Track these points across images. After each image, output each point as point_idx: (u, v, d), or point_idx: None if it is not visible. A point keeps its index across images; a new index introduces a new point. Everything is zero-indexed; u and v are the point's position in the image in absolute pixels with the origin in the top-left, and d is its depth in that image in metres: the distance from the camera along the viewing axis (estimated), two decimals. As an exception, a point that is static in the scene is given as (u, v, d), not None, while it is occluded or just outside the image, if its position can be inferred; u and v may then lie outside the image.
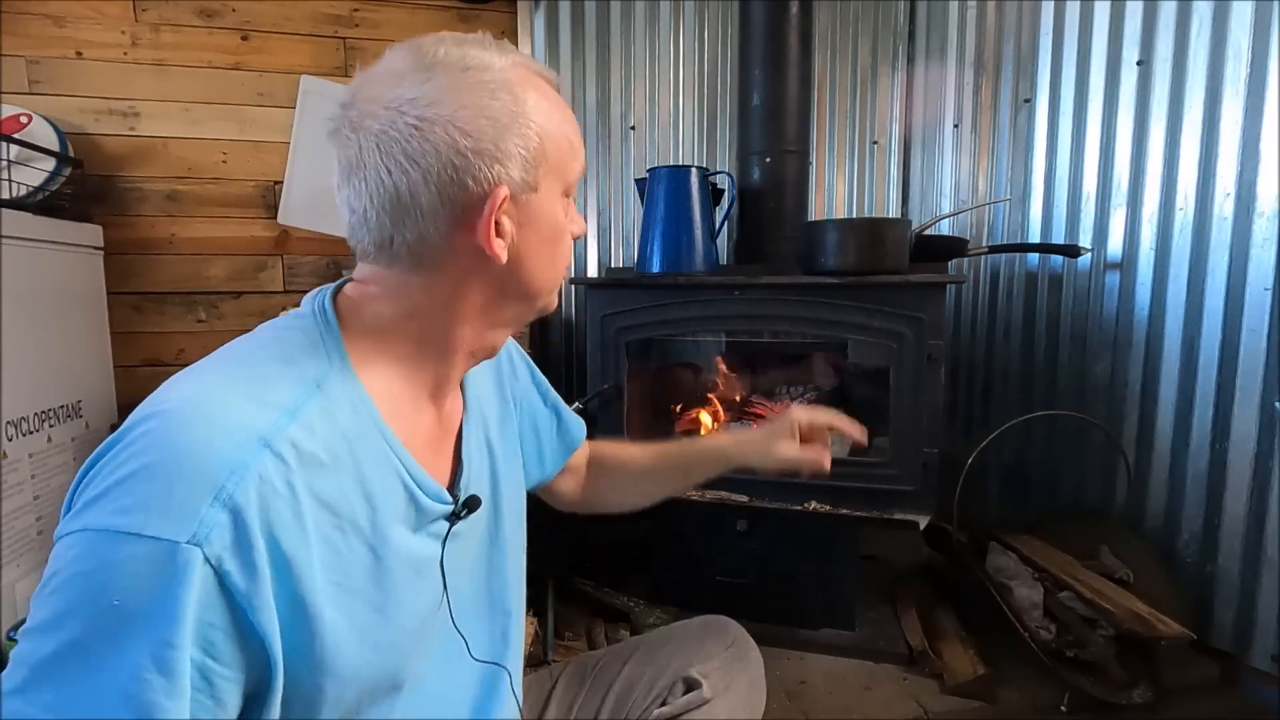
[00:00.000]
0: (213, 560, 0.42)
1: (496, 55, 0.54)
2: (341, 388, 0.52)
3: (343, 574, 0.50)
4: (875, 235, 1.51)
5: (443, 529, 0.60)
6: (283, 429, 0.47)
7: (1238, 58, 1.42)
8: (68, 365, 1.67)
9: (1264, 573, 1.39)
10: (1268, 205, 1.37)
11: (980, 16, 2.10)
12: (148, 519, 0.41)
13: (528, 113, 0.53)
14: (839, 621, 1.61)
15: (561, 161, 0.57)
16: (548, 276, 0.60)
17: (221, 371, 0.50)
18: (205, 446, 0.44)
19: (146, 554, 0.40)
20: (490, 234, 0.53)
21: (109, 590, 0.40)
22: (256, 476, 0.44)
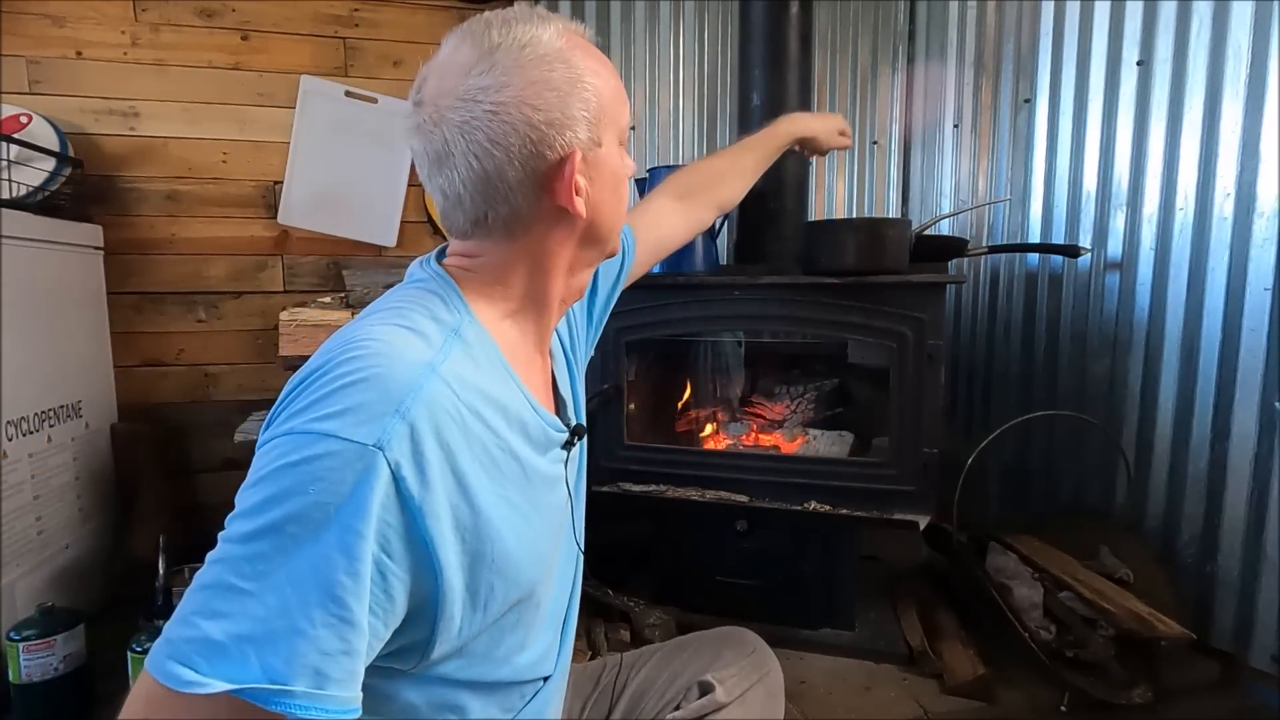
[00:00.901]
0: (392, 464, 0.48)
1: (541, 27, 0.59)
2: (472, 334, 0.59)
3: (503, 486, 0.57)
4: (875, 235, 1.51)
5: (562, 454, 0.68)
6: (443, 360, 0.54)
7: (1238, 58, 1.42)
8: (68, 365, 1.67)
9: (1264, 573, 1.39)
10: (1268, 205, 1.37)
11: (980, 16, 2.10)
12: (343, 425, 0.48)
13: (583, 76, 0.59)
14: (839, 621, 1.61)
15: (616, 113, 0.63)
16: (616, 220, 0.67)
17: (385, 320, 0.57)
18: (390, 371, 0.50)
19: (341, 451, 0.47)
20: (572, 194, 0.59)
21: (308, 481, 0.46)
22: (429, 397, 0.51)
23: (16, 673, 1.28)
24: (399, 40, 2.10)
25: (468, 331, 0.58)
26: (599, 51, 0.63)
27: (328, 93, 2.03)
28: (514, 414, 0.59)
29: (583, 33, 0.63)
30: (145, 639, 1.28)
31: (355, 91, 2.05)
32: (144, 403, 1.97)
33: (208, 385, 2.04)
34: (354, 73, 2.08)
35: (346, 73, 2.07)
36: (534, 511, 0.61)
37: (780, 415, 1.85)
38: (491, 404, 0.57)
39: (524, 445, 0.60)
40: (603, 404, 1.68)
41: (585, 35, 0.63)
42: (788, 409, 1.85)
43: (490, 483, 0.55)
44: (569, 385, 0.77)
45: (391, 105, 2.07)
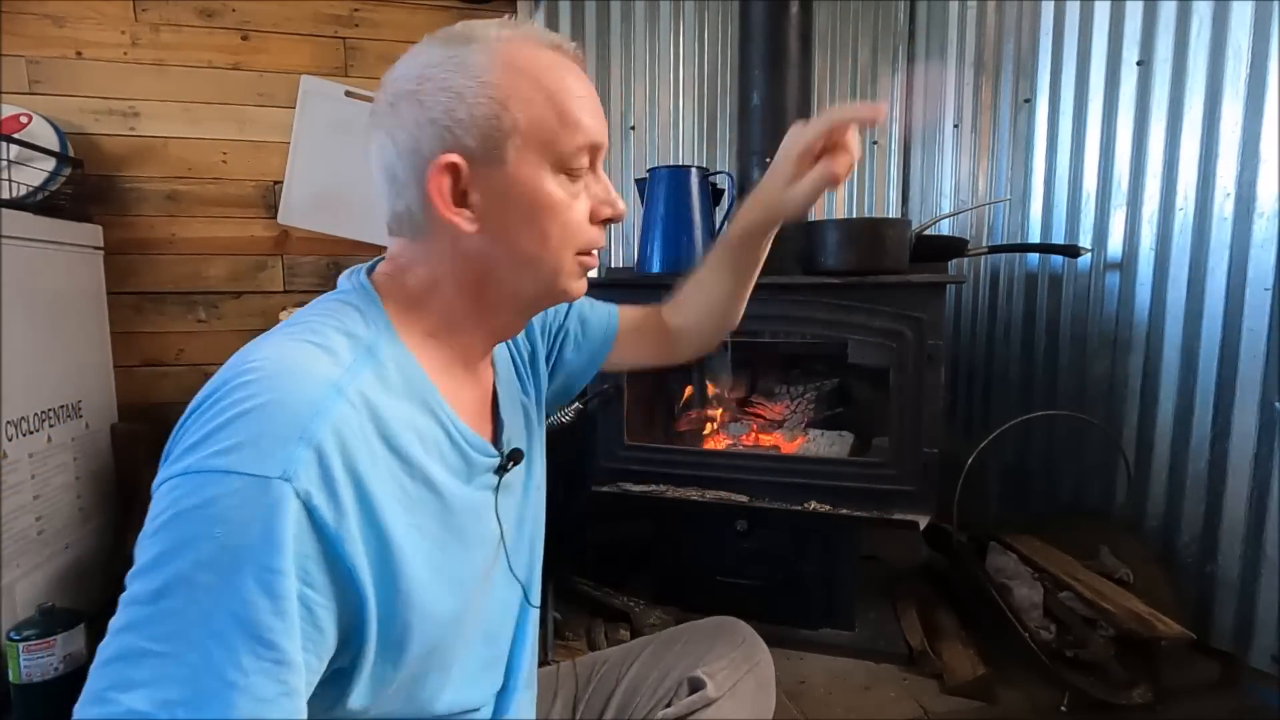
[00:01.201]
0: (301, 494, 0.45)
1: (496, 29, 0.56)
2: (389, 351, 0.56)
3: (414, 515, 0.54)
4: (875, 235, 1.51)
5: (493, 481, 0.64)
6: (351, 380, 0.51)
7: (1238, 58, 1.42)
8: (68, 365, 1.67)
9: (1264, 573, 1.39)
10: (1268, 205, 1.37)
11: (980, 16, 2.10)
12: (244, 459, 0.44)
13: (493, 82, 0.54)
14: (839, 621, 1.61)
15: (543, 133, 0.56)
16: (540, 254, 0.59)
17: (293, 335, 0.54)
18: (290, 394, 0.47)
19: (244, 488, 0.44)
20: (440, 201, 0.55)
21: (212, 524, 0.43)
22: (335, 420, 0.48)
23: (16, 673, 1.28)
24: (399, 40, 2.10)
25: (384, 348, 0.55)
26: (566, 73, 0.57)
27: (328, 93, 2.03)
28: (430, 438, 0.56)
29: (560, 47, 0.58)
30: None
31: (355, 91, 2.05)
32: (144, 403, 1.96)
33: (208, 385, 2.04)
34: (354, 73, 2.08)
35: (346, 73, 2.07)
36: (453, 542, 0.57)
37: (780, 415, 1.85)
38: (404, 427, 0.54)
39: (442, 471, 0.57)
40: (603, 404, 1.68)
41: (563, 50, 0.58)
42: (788, 409, 1.85)
43: (402, 511, 0.52)
44: (516, 407, 0.73)
45: (391, 105, 2.07)
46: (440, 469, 0.57)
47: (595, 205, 0.61)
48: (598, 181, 0.61)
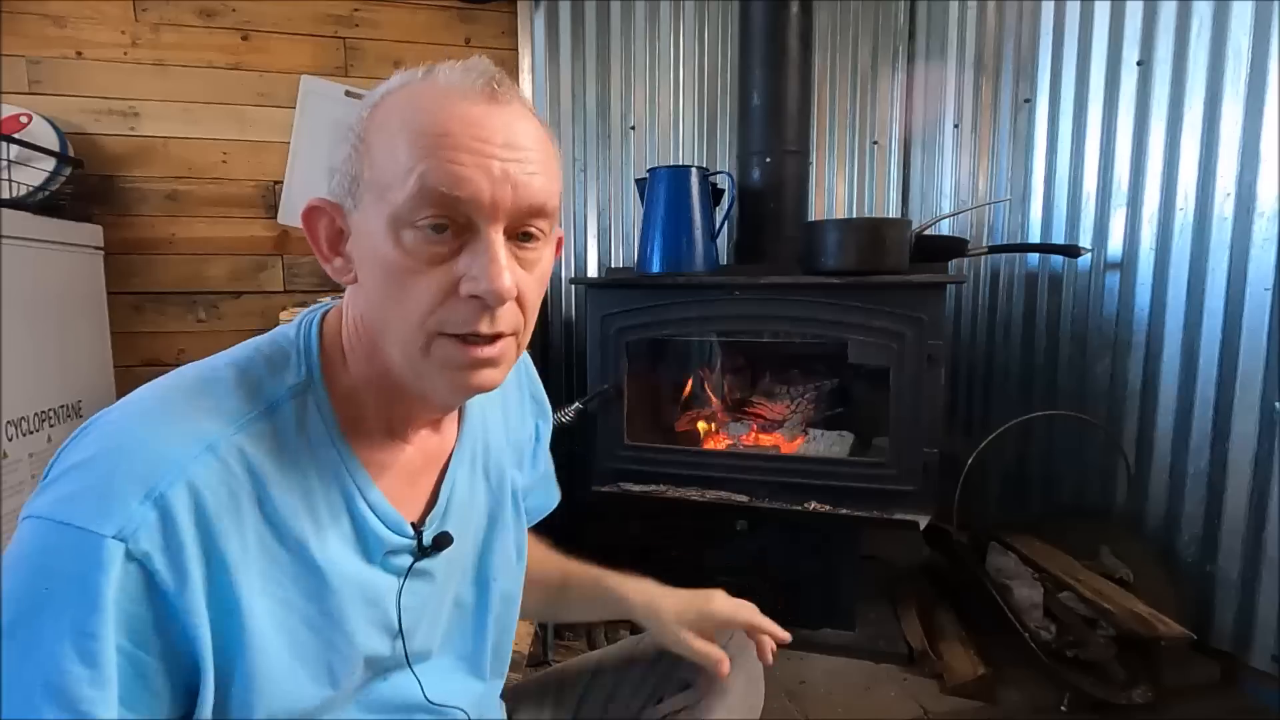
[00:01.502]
0: (138, 555, 0.42)
1: (422, 74, 0.51)
2: (305, 405, 0.52)
3: (281, 587, 0.49)
4: (875, 235, 1.51)
5: (404, 563, 0.57)
6: (229, 436, 0.47)
7: (1238, 58, 1.42)
8: (68, 365, 1.67)
9: (1264, 573, 1.39)
10: (1268, 205, 1.37)
11: (980, 16, 2.10)
12: (81, 510, 0.42)
13: (364, 126, 0.50)
14: (839, 621, 1.61)
15: (379, 185, 0.48)
16: (387, 318, 0.50)
17: (185, 378, 0.51)
18: (146, 446, 0.45)
19: (74, 544, 0.41)
20: (312, 242, 0.53)
21: (39, 576, 0.41)
22: (193, 478, 0.45)
23: (16, 673, 1.28)
24: (399, 40, 2.10)
25: (291, 407, 0.51)
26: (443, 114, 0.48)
27: (328, 93, 2.03)
28: (323, 506, 0.51)
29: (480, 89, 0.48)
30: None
31: (355, 91, 2.05)
32: (144, 403, 1.97)
33: (208, 385, 2.04)
34: (354, 73, 2.08)
35: (346, 73, 2.07)
36: (328, 625, 0.51)
37: (780, 415, 1.85)
38: (289, 491, 0.49)
39: (329, 545, 0.51)
40: (603, 404, 1.68)
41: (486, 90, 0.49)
42: (788, 409, 1.85)
43: (265, 583, 0.48)
44: (477, 481, 0.66)
45: (391, 105, 2.07)
46: (327, 542, 0.51)
47: (462, 277, 0.48)
48: (474, 249, 0.48)
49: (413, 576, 0.58)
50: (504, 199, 0.48)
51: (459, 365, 0.50)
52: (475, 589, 0.67)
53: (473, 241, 0.48)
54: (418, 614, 0.60)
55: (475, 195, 0.47)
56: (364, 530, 0.54)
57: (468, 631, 0.67)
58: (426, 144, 0.47)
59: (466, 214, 0.47)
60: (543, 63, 2.18)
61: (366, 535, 0.54)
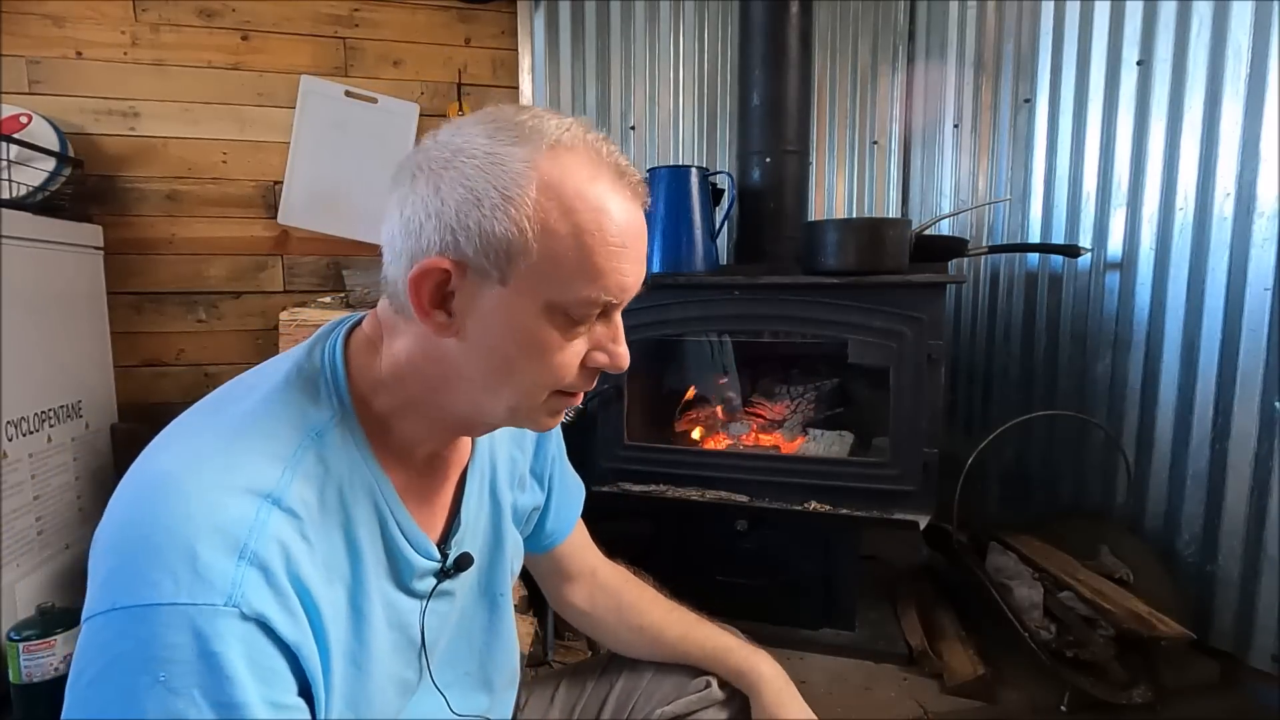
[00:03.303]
0: (252, 616, 0.42)
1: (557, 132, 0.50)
2: (341, 435, 0.52)
3: (333, 623, 0.49)
4: (875, 235, 1.51)
5: (428, 585, 0.59)
6: (290, 484, 0.47)
7: (1238, 58, 1.42)
8: (68, 365, 1.67)
9: (1264, 573, 1.39)
10: (1268, 205, 1.37)
11: (980, 16, 2.10)
12: (177, 587, 0.40)
13: (519, 200, 0.48)
14: (839, 621, 1.61)
15: (554, 273, 0.49)
16: (510, 384, 0.52)
17: (222, 424, 0.50)
18: (219, 506, 0.44)
19: (183, 622, 0.39)
20: (415, 298, 0.50)
21: (153, 667, 0.39)
22: (276, 530, 0.45)
23: (16, 673, 1.28)
24: (399, 40, 2.10)
25: (332, 436, 0.51)
26: (621, 213, 0.50)
27: (328, 93, 2.03)
28: (362, 537, 0.52)
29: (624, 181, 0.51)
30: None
31: (355, 91, 2.05)
32: (144, 403, 1.96)
33: (208, 385, 2.03)
34: (354, 73, 2.08)
35: (346, 73, 2.07)
36: (364, 654, 0.53)
37: (780, 415, 1.85)
38: (330, 524, 0.50)
39: (369, 574, 0.53)
40: (603, 404, 1.68)
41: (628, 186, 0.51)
42: (788, 409, 1.85)
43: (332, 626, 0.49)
44: (486, 499, 0.67)
45: (391, 105, 2.07)
46: (364, 570, 0.52)
47: (592, 349, 0.54)
48: (607, 326, 0.54)
49: (435, 598, 0.60)
50: (635, 289, 0.54)
51: (558, 411, 0.57)
52: (485, 604, 0.69)
53: (601, 320, 0.54)
54: (438, 633, 0.61)
55: (627, 296, 0.53)
56: (396, 556, 0.55)
57: (478, 646, 0.69)
58: (611, 258, 0.50)
59: (616, 306, 0.54)
60: (543, 63, 2.18)
61: (399, 561, 0.56)
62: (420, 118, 2.10)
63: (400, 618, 0.57)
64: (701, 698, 0.78)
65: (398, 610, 0.56)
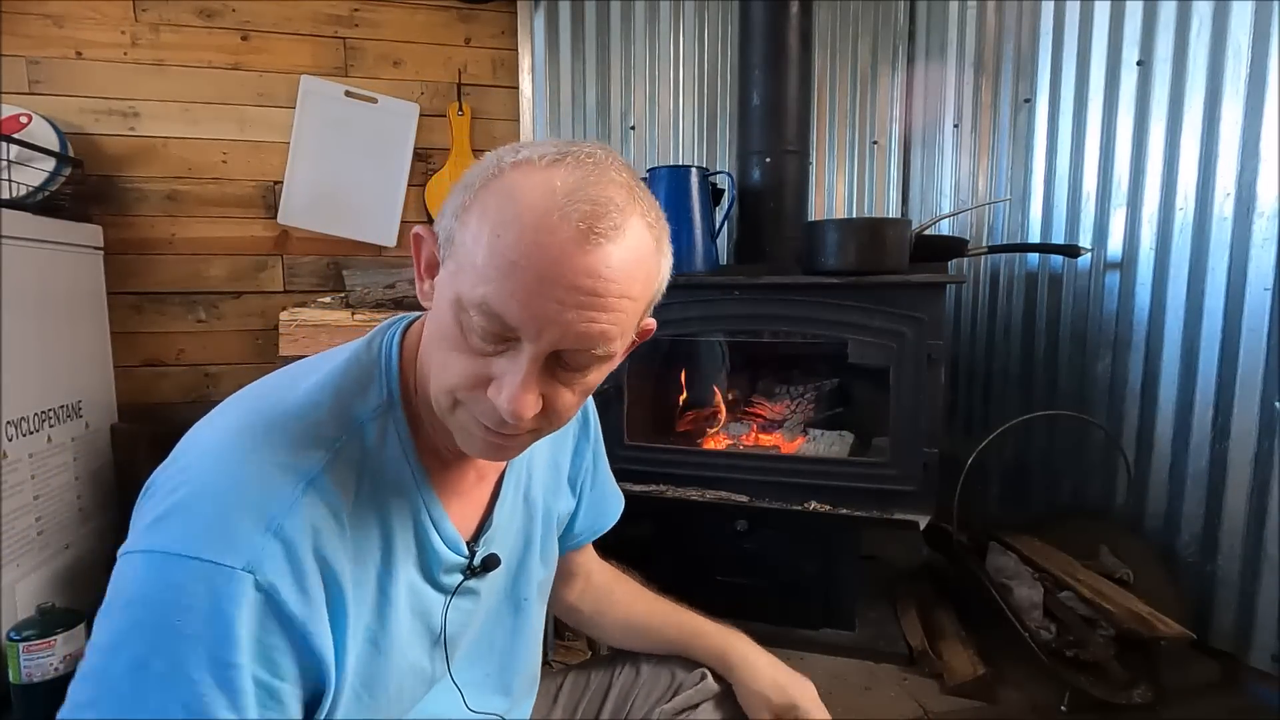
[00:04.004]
0: (265, 586, 0.44)
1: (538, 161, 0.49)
2: (386, 424, 0.54)
3: (359, 604, 0.51)
4: (875, 235, 1.51)
5: (454, 581, 0.60)
6: (328, 467, 0.49)
7: (1238, 58, 1.42)
8: (68, 365, 1.67)
9: (1264, 573, 1.39)
10: (1268, 205, 1.37)
11: (980, 16, 2.10)
12: (206, 544, 0.43)
13: (471, 188, 0.49)
14: (839, 621, 1.61)
15: (462, 265, 0.48)
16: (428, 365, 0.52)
17: (274, 403, 0.52)
18: (257, 481, 0.46)
19: (204, 577, 0.43)
20: (417, 260, 0.54)
21: (170, 611, 0.42)
22: (307, 509, 0.47)
23: (16, 673, 1.28)
24: (399, 40, 2.10)
25: (376, 426, 0.53)
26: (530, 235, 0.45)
27: (328, 93, 2.03)
28: (395, 524, 0.54)
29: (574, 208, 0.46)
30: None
31: (355, 91, 2.05)
32: (144, 403, 1.96)
33: (208, 385, 2.04)
34: (354, 73, 2.08)
35: (346, 73, 2.07)
36: (386, 637, 0.54)
37: (780, 415, 1.85)
38: (366, 509, 0.52)
39: (398, 561, 0.54)
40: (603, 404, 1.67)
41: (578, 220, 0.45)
42: (788, 409, 1.85)
43: (355, 606, 0.51)
44: (520, 502, 0.68)
45: (391, 105, 2.07)
46: (393, 558, 0.54)
47: (492, 377, 0.49)
48: (511, 361, 0.48)
49: (460, 594, 0.61)
50: (552, 339, 0.46)
51: (475, 436, 0.52)
52: (510, 607, 0.70)
53: (514, 353, 0.48)
54: (459, 628, 0.62)
55: (523, 328, 0.46)
56: (426, 548, 0.57)
57: (498, 649, 0.70)
58: (500, 267, 0.45)
59: (515, 336, 0.47)
60: (543, 63, 2.18)
61: (429, 553, 0.57)
62: (420, 118, 2.10)
63: (423, 607, 0.58)
64: (699, 690, 0.78)
65: (422, 600, 0.58)
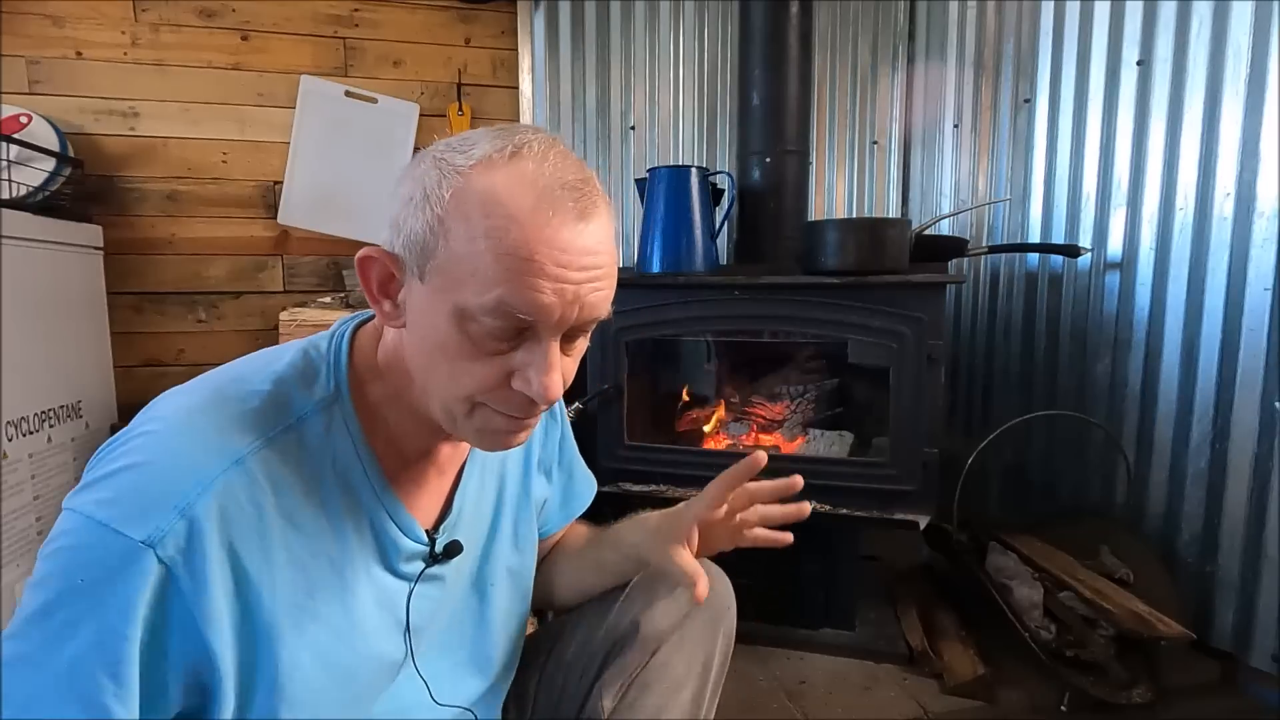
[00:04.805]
0: (166, 561, 0.46)
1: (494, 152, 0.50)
2: (332, 417, 0.55)
3: (307, 595, 0.52)
4: (875, 235, 1.51)
5: (416, 569, 0.61)
6: (258, 450, 0.50)
7: (1238, 58, 1.42)
8: (68, 365, 1.67)
9: (1264, 572, 1.39)
10: (1268, 205, 1.37)
11: (980, 16, 2.10)
12: (118, 514, 0.46)
13: (436, 199, 0.49)
14: (839, 621, 1.61)
15: (457, 276, 0.49)
16: (429, 384, 0.53)
17: (219, 387, 0.54)
18: (180, 459, 0.48)
19: (110, 544, 0.45)
20: (367, 282, 0.54)
21: (75, 567, 0.45)
22: (220, 493, 0.48)
23: (16, 673, 1.28)
24: (399, 40, 2.10)
25: (319, 419, 0.54)
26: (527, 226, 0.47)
27: (328, 93, 2.03)
28: (346, 513, 0.54)
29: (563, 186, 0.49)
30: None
31: (355, 91, 2.05)
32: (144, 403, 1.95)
33: (208, 385, 2.04)
34: (354, 73, 2.08)
35: (346, 73, 2.07)
36: (352, 630, 0.55)
37: (780, 415, 1.85)
38: (314, 498, 0.53)
39: (354, 550, 0.55)
40: (603, 404, 1.67)
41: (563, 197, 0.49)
42: (788, 409, 1.85)
43: (293, 592, 0.51)
44: (488, 491, 0.69)
45: (391, 105, 2.07)
46: (348, 549, 0.55)
47: (517, 371, 0.51)
48: (534, 350, 0.51)
49: (423, 581, 0.62)
50: (570, 317, 0.50)
51: (498, 430, 0.54)
52: (476, 594, 0.69)
53: (531, 343, 0.51)
54: (426, 617, 0.63)
55: (547, 318, 0.49)
56: (383, 537, 0.58)
57: (470, 635, 0.69)
58: (511, 266, 0.47)
59: (534, 326, 0.50)
60: (543, 63, 2.18)
61: (385, 542, 0.58)
62: (420, 118, 2.10)
63: (388, 598, 0.59)
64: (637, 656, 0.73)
65: (385, 591, 0.58)
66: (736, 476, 0.71)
